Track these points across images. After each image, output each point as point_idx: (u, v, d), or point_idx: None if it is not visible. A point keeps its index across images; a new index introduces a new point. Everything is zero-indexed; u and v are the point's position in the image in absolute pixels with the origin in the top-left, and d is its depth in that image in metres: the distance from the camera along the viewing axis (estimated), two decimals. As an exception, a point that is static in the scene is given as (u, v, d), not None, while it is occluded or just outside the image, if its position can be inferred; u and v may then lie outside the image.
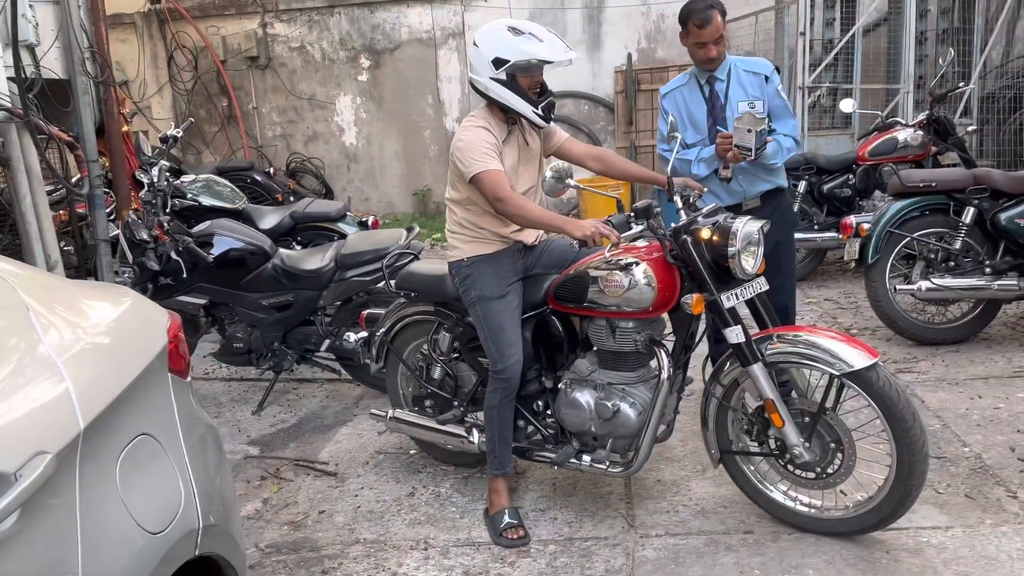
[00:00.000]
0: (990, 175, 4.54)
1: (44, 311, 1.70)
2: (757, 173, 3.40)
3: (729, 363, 2.82)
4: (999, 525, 2.82)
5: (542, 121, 2.91)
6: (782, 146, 3.37)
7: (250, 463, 3.86)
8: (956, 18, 8.15)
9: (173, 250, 4.27)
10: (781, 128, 3.41)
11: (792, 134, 3.44)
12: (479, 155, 2.84)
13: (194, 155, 9.98)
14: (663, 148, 3.37)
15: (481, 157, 2.84)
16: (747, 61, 3.52)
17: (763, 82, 3.42)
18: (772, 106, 3.42)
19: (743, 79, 3.43)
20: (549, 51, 2.78)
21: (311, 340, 4.39)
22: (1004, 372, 4.21)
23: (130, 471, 1.63)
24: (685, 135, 3.41)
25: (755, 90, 3.41)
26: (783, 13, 8.00)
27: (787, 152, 3.41)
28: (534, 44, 2.78)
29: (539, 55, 2.78)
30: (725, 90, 3.42)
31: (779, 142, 3.36)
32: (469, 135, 2.89)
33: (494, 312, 2.96)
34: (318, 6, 9.64)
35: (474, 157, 2.84)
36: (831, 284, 6.21)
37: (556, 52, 2.79)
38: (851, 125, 7.87)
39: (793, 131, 3.46)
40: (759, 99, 3.40)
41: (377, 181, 10.06)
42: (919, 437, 2.54)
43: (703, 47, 3.35)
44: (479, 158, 2.84)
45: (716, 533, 2.93)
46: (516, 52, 2.78)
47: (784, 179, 3.54)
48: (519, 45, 2.78)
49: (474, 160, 2.84)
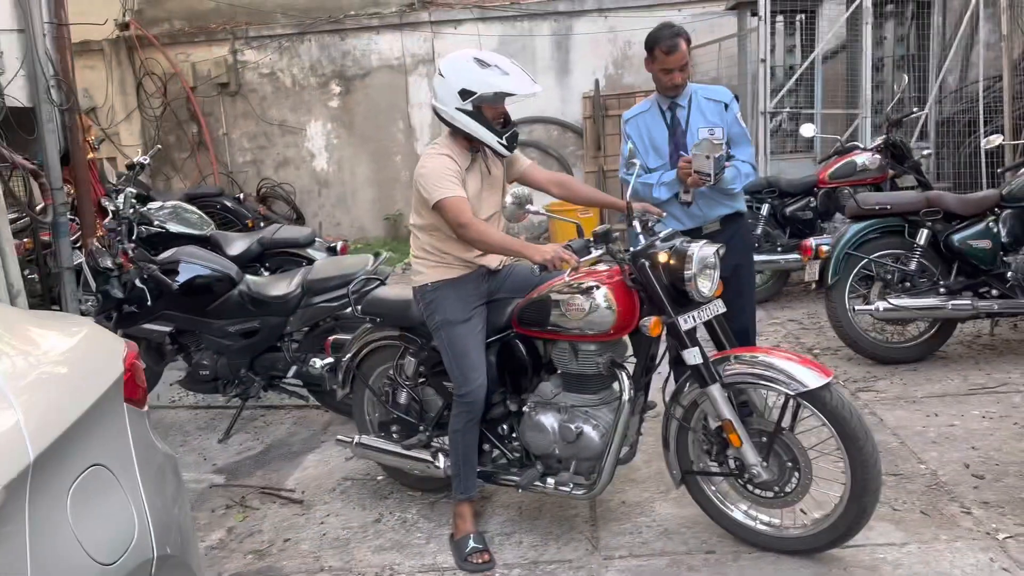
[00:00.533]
0: (942, 198, 4.66)
1: (-4, 342, 1.70)
2: (716, 198, 3.48)
3: (688, 384, 2.87)
4: (953, 541, 2.88)
5: (506, 151, 2.97)
6: (740, 172, 3.45)
7: (215, 492, 3.83)
8: (912, 45, 8.40)
9: (137, 278, 4.26)
10: (739, 155, 3.49)
11: (750, 160, 3.52)
12: (442, 182, 2.88)
13: (163, 181, 9.94)
14: (624, 173, 3.44)
15: (444, 184, 2.88)
16: (708, 89, 3.59)
17: (723, 110, 3.49)
18: (731, 133, 3.50)
19: (704, 106, 3.50)
20: (515, 84, 2.85)
21: (278, 366, 4.38)
22: (960, 390, 4.30)
23: (82, 502, 1.63)
24: (647, 160, 3.49)
25: (715, 117, 3.48)
26: (745, 40, 8.19)
27: (745, 178, 3.49)
28: (500, 77, 2.84)
29: (505, 88, 2.84)
30: (686, 116, 3.50)
31: (737, 168, 3.43)
32: (432, 163, 2.94)
33: (458, 336, 2.98)
34: (288, 32, 9.70)
35: (437, 184, 2.88)
36: (795, 305, 6.32)
37: (522, 86, 2.86)
38: (812, 149, 8.06)
39: (750, 158, 3.54)
40: (719, 126, 3.47)
41: (349, 206, 10.08)
42: (872, 455, 2.59)
43: (668, 73, 3.41)
44: (442, 185, 2.88)
45: (679, 554, 2.96)
46: (483, 84, 2.84)
47: (743, 204, 3.61)
48: (486, 78, 2.84)
49: (437, 187, 2.88)
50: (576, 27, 9.45)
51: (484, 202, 3.07)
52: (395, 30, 9.61)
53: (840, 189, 6.05)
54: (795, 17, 8.19)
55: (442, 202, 2.88)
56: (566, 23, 9.46)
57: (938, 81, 7.82)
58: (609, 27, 9.37)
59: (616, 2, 9.31)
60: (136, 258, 4.29)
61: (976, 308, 4.52)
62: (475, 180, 3.03)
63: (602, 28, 9.39)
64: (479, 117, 2.89)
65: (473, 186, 3.01)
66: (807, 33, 8.17)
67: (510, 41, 9.42)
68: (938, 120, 8.01)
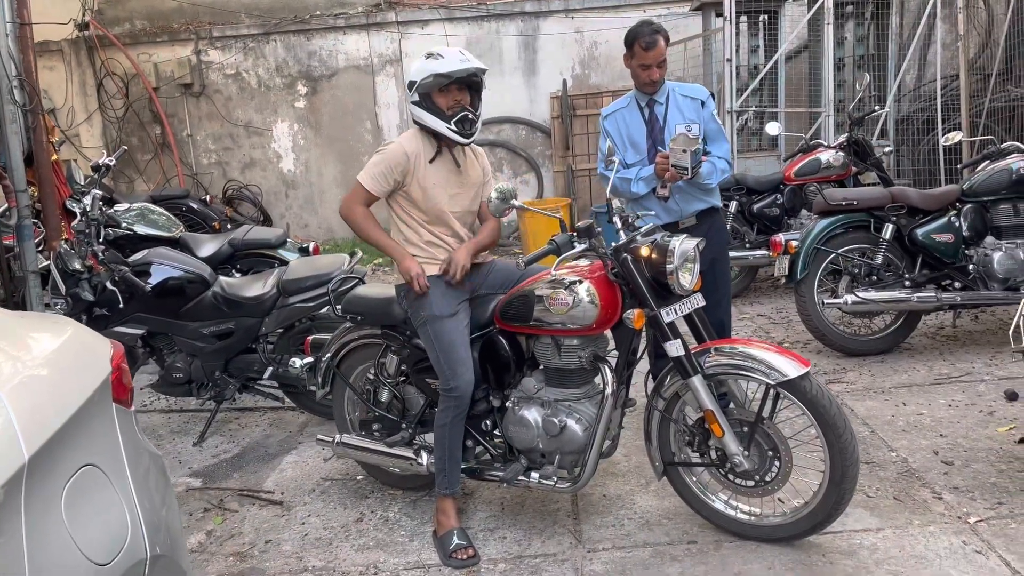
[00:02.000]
0: (906, 193, 4.79)
1: (-16, 342, 1.67)
2: (693, 192, 3.53)
3: (670, 377, 2.91)
4: (927, 525, 2.97)
5: (457, 136, 3.01)
6: (716, 167, 3.51)
7: (192, 495, 3.79)
8: (871, 45, 8.58)
9: (108, 280, 4.19)
10: (715, 151, 3.56)
11: (725, 156, 3.59)
12: (374, 167, 3.05)
13: (126, 183, 9.77)
14: (603, 169, 3.48)
15: (370, 170, 3.06)
16: (684, 87, 3.67)
17: (699, 107, 3.57)
18: (707, 130, 3.57)
19: (681, 103, 3.57)
20: (445, 65, 2.94)
21: (253, 368, 4.34)
22: (926, 380, 4.42)
23: (76, 502, 1.61)
24: (625, 155, 3.58)
25: (692, 114, 3.56)
26: (710, 40, 8.31)
27: (721, 173, 3.56)
28: (435, 62, 2.95)
29: (438, 70, 2.93)
30: (664, 113, 3.57)
31: (713, 163, 3.50)
32: (386, 149, 3.10)
33: (445, 331, 3.00)
34: (253, 33, 9.60)
35: (369, 167, 3.07)
36: (763, 300, 6.43)
37: (451, 64, 2.94)
38: (777, 147, 8.20)
39: (726, 154, 3.61)
40: (695, 122, 3.55)
41: (316, 207, 10.00)
42: (850, 443, 2.66)
43: (647, 69, 3.48)
44: (371, 172, 3.05)
45: (661, 544, 3.00)
46: (421, 72, 2.97)
47: (718, 199, 3.68)
48: (424, 65, 2.97)
49: (366, 170, 3.07)
50: (543, 27, 9.50)
51: (454, 198, 3.11)
52: (362, 30, 9.56)
53: (806, 186, 6.18)
54: (758, 18, 8.33)
55: (358, 180, 3.08)
56: (533, 23, 9.50)
57: (897, 80, 8.01)
58: (576, 27, 9.44)
59: (583, 2, 9.38)
60: (108, 260, 4.22)
61: (940, 300, 4.65)
62: (439, 172, 3.08)
63: (569, 28, 9.45)
64: (429, 106, 2.99)
65: (436, 175, 3.07)
66: (770, 33, 8.31)
67: (477, 41, 9.43)
68: (897, 118, 8.20)
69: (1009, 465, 3.36)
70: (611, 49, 9.47)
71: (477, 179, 3.20)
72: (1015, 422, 3.75)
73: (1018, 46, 7.18)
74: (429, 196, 3.05)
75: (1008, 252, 4.57)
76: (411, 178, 3.03)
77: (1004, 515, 2.98)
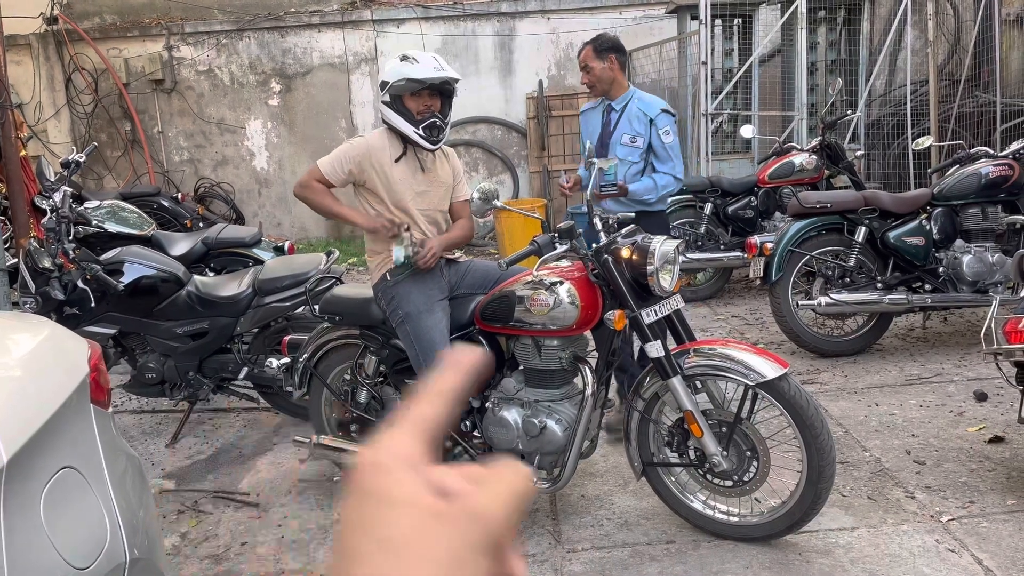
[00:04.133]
0: (878, 197, 4.86)
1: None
2: (631, 206, 3.68)
3: (649, 377, 2.93)
4: (900, 524, 3.02)
5: (424, 142, 3.02)
6: (657, 184, 3.72)
7: (166, 497, 3.73)
8: (843, 50, 8.71)
9: (80, 278, 4.11)
10: (660, 167, 3.74)
11: (672, 173, 3.75)
12: (333, 156, 3.09)
13: (95, 180, 9.60)
14: (582, 168, 3.68)
15: (331, 158, 3.09)
16: (644, 100, 3.81)
17: (648, 123, 3.74)
18: (653, 146, 3.73)
19: (632, 115, 3.76)
20: (418, 72, 2.94)
21: (228, 368, 4.28)
22: (897, 381, 4.49)
23: (55, 505, 1.58)
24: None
25: (640, 127, 3.74)
26: (686, 43, 8.37)
27: (662, 189, 3.73)
28: (409, 66, 2.95)
29: (411, 75, 2.93)
30: (616, 120, 3.78)
31: (654, 180, 3.70)
32: (354, 141, 3.14)
33: (424, 329, 2.99)
34: (226, 29, 9.48)
35: (331, 155, 3.10)
36: (738, 301, 6.49)
37: (425, 71, 2.95)
38: (751, 150, 8.28)
39: (673, 170, 3.76)
40: (641, 135, 3.73)
41: (289, 206, 9.90)
42: (827, 442, 2.70)
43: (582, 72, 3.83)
44: (330, 159, 3.09)
45: (640, 544, 3.02)
46: (394, 74, 2.96)
47: (662, 206, 3.85)
48: (398, 68, 2.97)
49: (328, 156, 3.10)
50: (519, 28, 9.49)
51: (418, 196, 3.12)
52: (337, 28, 9.48)
53: (779, 188, 6.25)
54: (733, 21, 8.41)
55: (315, 164, 3.12)
56: (509, 24, 9.50)
57: (868, 85, 8.13)
58: (552, 28, 9.45)
59: (559, 3, 9.40)
60: (79, 258, 4.14)
61: (911, 302, 4.73)
62: (404, 170, 3.10)
63: (545, 29, 9.46)
64: (399, 108, 2.99)
65: (400, 172, 3.08)
66: (744, 37, 8.40)
67: (453, 41, 9.41)
68: (867, 123, 8.33)
69: (980, 464, 3.43)
70: (587, 51, 9.50)
71: (447, 179, 3.20)
72: (985, 422, 3.83)
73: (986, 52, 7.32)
74: (393, 191, 3.07)
75: (977, 255, 4.66)
76: (371, 173, 3.05)
77: (975, 514, 3.04)
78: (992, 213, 4.74)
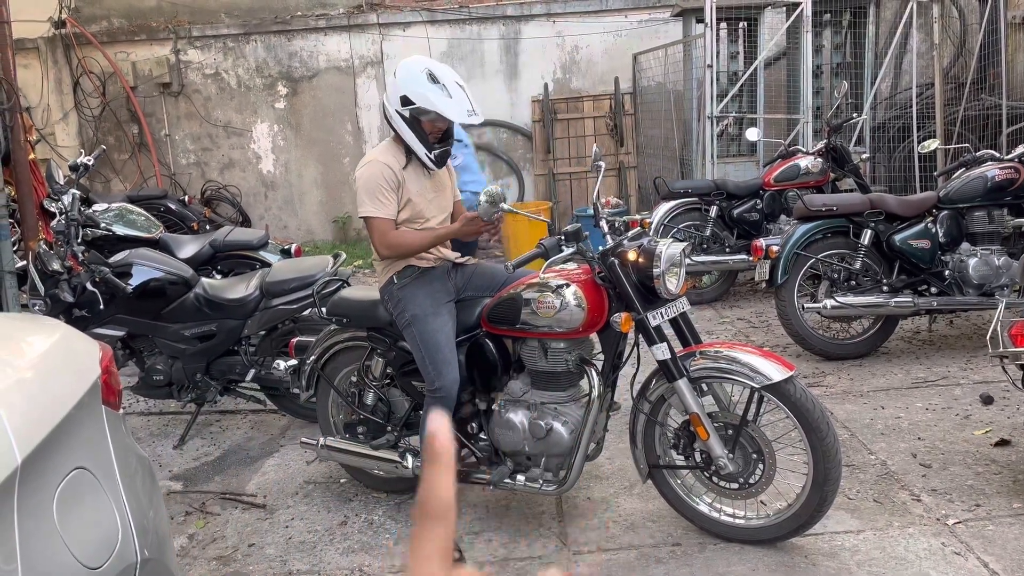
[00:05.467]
0: (884, 200, 4.86)
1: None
2: None
3: (656, 380, 2.94)
4: (906, 527, 3.02)
5: (433, 165, 3.04)
6: None
7: (173, 498, 3.75)
8: (848, 53, 8.70)
9: (88, 281, 4.13)
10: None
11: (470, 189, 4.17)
12: (371, 196, 2.96)
13: (102, 183, 9.64)
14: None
15: (373, 199, 2.96)
16: None
17: None
18: None
19: None
20: (452, 111, 2.89)
21: (235, 370, 4.31)
22: (903, 384, 4.49)
23: (67, 505, 1.60)
24: None
25: None
26: (691, 46, 8.38)
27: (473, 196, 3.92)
28: (442, 99, 2.88)
29: (442, 111, 2.88)
30: None
31: None
32: (366, 172, 3.00)
33: (430, 331, 3.00)
34: (233, 33, 9.52)
35: (366, 197, 2.97)
36: (743, 304, 6.49)
37: (459, 114, 2.91)
38: (756, 152, 8.28)
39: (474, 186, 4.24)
40: None
41: (296, 208, 9.94)
42: (833, 445, 2.70)
43: None
44: (371, 200, 2.97)
45: (646, 547, 3.02)
46: (423, 99, 2.89)
47: None
48: (428, 94, 2.88)
49: (365, 201, 2.98)
50: (524, 31, 9.51)
51: (431, 203, 3.11)
52: (343, 31, 9.52)
53: (785, 191, 6.25)
54: (738, 24, 8.41)
55: (368, 220, 2.99)
56: (514, 27, 9.51)
57: (873, 88, 8.13)
58: (557, 31, 9.47)
59: (564, 7, 9.42)
60: (89, 261, 4.17)
61: (916, 305, 4.72)
62: (416, 179, 3.07)
63: (550, 33, 9.48)
64: (415, 126, 2.95)
65: (415, 184, 3.05)
66: (750, 40, 8.39)
67: (459, 44, 9.44)
68: (873, 126, 8.32)
69: (986, 467, 3.43)
70: (592, 54, 9.52)
71: (446, 180, 3.23)
72: (991, 425, 3.83)
73: (991, 55, 7.32)
74: (414, 204, 3.04)
75: (983, 258, 4.65)
76: (402, 189, 3.02)
77: (982, 517, 3.04)
78: (998, 216, 4.73)
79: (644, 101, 9.49)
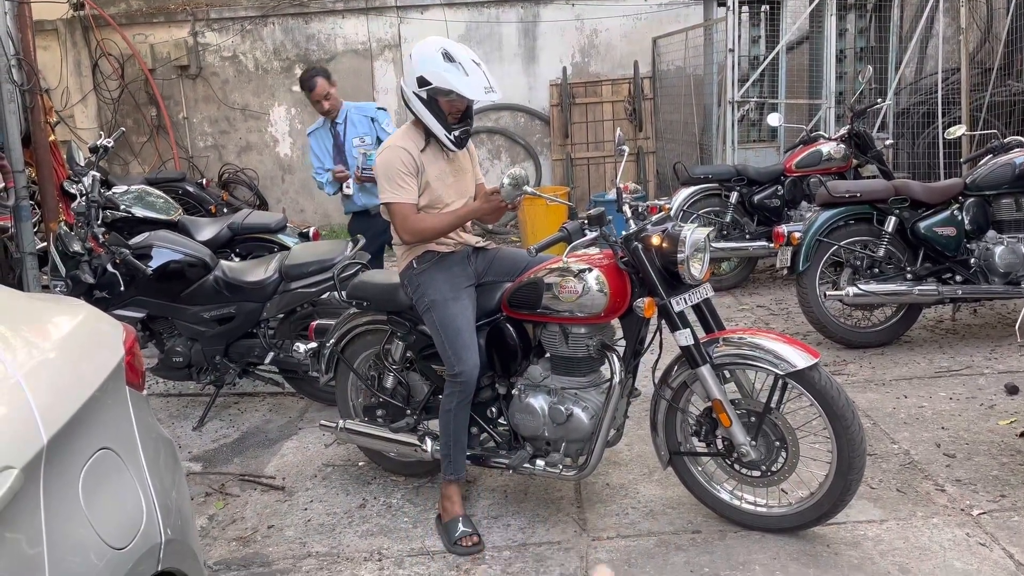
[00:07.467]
0: (909, 186, 4.79)
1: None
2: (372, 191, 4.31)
3: (677, 366, 2.91)
4: (930, 517, 2.98)
5: (453, 146, 2.99)
6: None
7: (193, 479, 3.77)
8: (872, 37, 8.57)
9: (109, 263, 4.15)
10: None
11: None
12: (392, 182, 2.95)
13: (121, 165, 9.68)
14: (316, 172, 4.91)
15: (393, 184, 2.95)
16: (359, 106, 4.88)
17: (371, 122, 4.75)
18: (380, 138, 4.56)
19: (354, 120, 4.78)
20: (469, 89, 2.85)
21: (254, 353, 4.32)
22: (926, 373, 4.44)
23: (92, 486, 1.60)
24: (325, 161, 4.85)
25: (364, 128, 4.78)
26: (712, 30, 8.28)
27: None
28: (459, 77, 2.84)
29: (458, 89, 2.84)
30: (343, 131, 4.80)
31: None
32: (385, 156, 2.99)
33: (450, 316, 2.98)
34: (251, 15, 9.50)
35: (386, 183, 2.97)
36: (762, 291, 6.43)
37: (475, 91, 2.86)
38: (777, 138, 8.19)
39: None
40: (368, 134, 4.76)
41: (312, 192, 9.91)
42: (857, 433, 2.67)
43: (318, 103, 4.78)
44: (391, 185, 2.95)
45: (666, 534, 3.01)
46: (439, 79, 2.85)
47: None
48: (444, 73, 2.84)
49: (386, 187, 2.97)
50: (543, 15, 9.43)
51: (450, 187, 3.07)
52: (361, 14, 9.47)
53: (806, 177, 6.17)
54: (760, 8, 8.30)
55: (390, 206, 2.98)
56: (533, 10, 9.43)
57: (898, 74, 8.00)
58: (576, 15, 9.38)
59: (583, -10, 9.33)
60: (109, 243, 4.18)
61: (941, 293, 4.66)
62: (436, 163, 3.03)
63: (569, 16, 9.39)
64: (432, 107, 2.91)
65: (434, 169, 3.02)
66: (771, 24, 8.28)
67: (477, 28, 9.37)
68: (896, 112, 8.20)
69: (1011, 458, 3.38)
70: (611, 37, 9.42)
71: (467, 164, 3.19)
72: (1016, 415, 3.77)
73: (1018, 41, 7.17)
74: (432, 189, 3.02)
75: (1010, 246, 4.58)
76: (422, 174, 2.99)
77: (1007, 507, 3.00)
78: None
79: (663, 85, 9.40)
